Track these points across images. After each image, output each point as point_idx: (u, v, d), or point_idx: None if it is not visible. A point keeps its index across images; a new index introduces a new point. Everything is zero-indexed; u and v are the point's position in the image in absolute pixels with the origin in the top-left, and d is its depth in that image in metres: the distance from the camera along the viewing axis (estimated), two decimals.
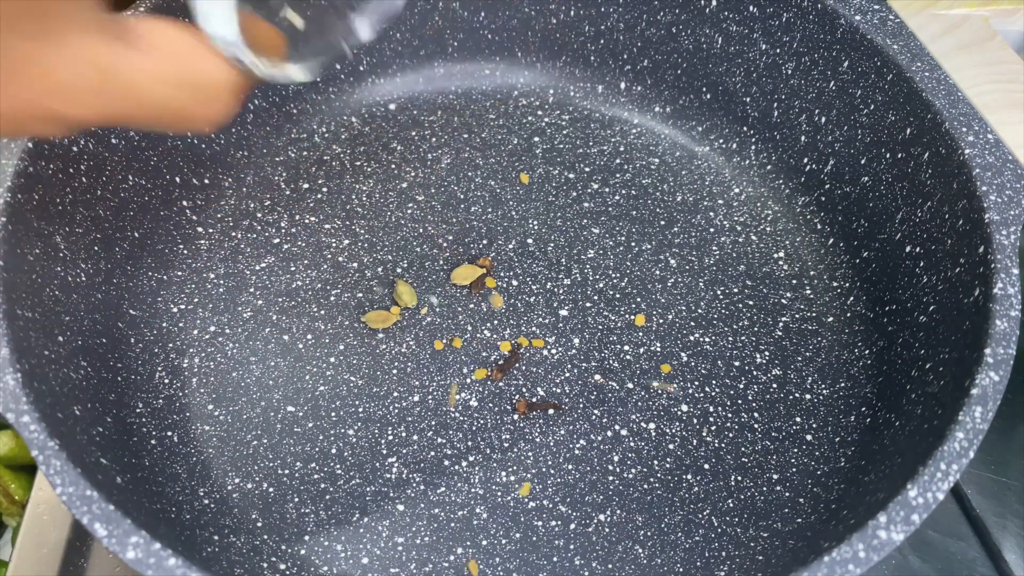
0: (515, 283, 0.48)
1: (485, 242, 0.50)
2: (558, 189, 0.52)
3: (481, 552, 0.39)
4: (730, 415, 0.43)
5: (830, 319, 0.47)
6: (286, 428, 0.43)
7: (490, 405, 0.44)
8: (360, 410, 0.43)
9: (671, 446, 0.42)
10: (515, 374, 0.45)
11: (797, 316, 0.47)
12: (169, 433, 0.42)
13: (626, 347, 0.46)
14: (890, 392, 0.42)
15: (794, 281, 0.49)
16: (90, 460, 0.34)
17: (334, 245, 0.49)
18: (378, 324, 0.46)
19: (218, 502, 0.40)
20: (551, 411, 0.43)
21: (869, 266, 0.47)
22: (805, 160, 0.51)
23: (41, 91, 0.27)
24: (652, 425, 0.43)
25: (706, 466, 0.42)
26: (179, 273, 0.48)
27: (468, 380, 0.45)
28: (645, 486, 0.41)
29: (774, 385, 0.45)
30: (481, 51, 0.57)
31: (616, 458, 0.42)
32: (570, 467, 0.42)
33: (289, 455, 0.42)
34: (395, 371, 0.45)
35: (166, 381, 0.44)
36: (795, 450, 0.42)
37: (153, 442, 0.41)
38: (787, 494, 0.41)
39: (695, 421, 0.43)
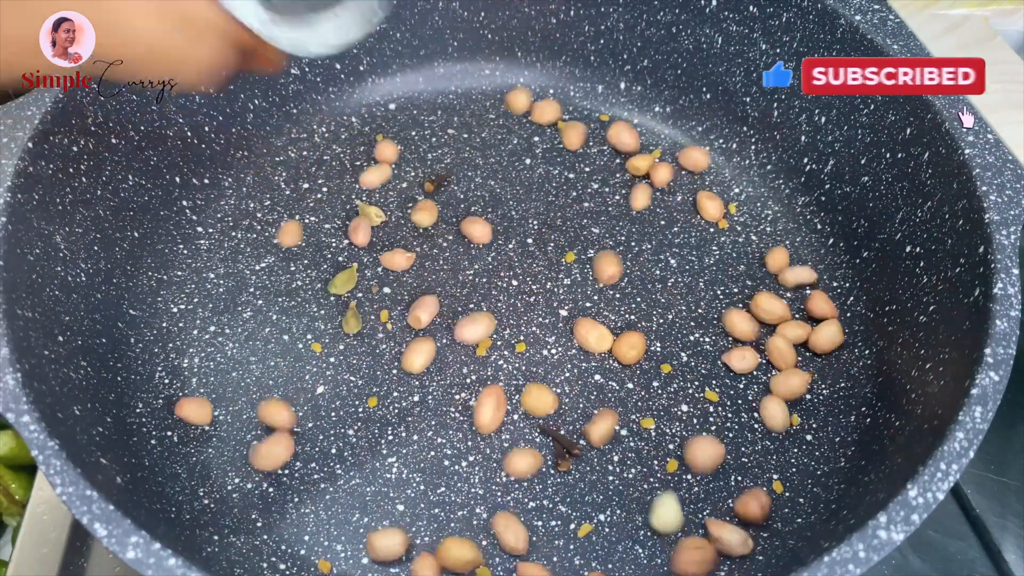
0: (515, 283, 0.48)
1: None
2: (558, 189, 0.52)
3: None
4: (730, 415, 0.43)
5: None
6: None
7: None
8: (360, 410, 0.43)
9: (671, 446, 0.42)
10: (515, 374, 0.45)
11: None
12: (169, 433, 0.42)
13: None
14: (890, 392, 0.42)
15: None
16: (90, 460, 0.34)
17: (334, 245, 0.49)
18: (342, 289, 0.47)
19: (218, 502, 0.40)
20: (567, 455, 0.41)
21: (869, 266, 0.47)
22: (805, 160, 0.51)
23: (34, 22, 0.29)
24: (652, 425, 0.43)
25: None
26: (179, 273, 0.48)
27: (468, 380, 0.44)
28: (645, 486, 0.41)
29: None
30: (481, 51, 0.57)
31: (616, 458, 0.42)
32: (570, 467, 0.42)
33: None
34: (395, 371, 0.45)
35: (166, 381, 0.44)
36: (795, 450, 0.42)
37: (153, 442, 0.41)
38: (787, 494, 0.41)
39: (695, 421, 0.43)
